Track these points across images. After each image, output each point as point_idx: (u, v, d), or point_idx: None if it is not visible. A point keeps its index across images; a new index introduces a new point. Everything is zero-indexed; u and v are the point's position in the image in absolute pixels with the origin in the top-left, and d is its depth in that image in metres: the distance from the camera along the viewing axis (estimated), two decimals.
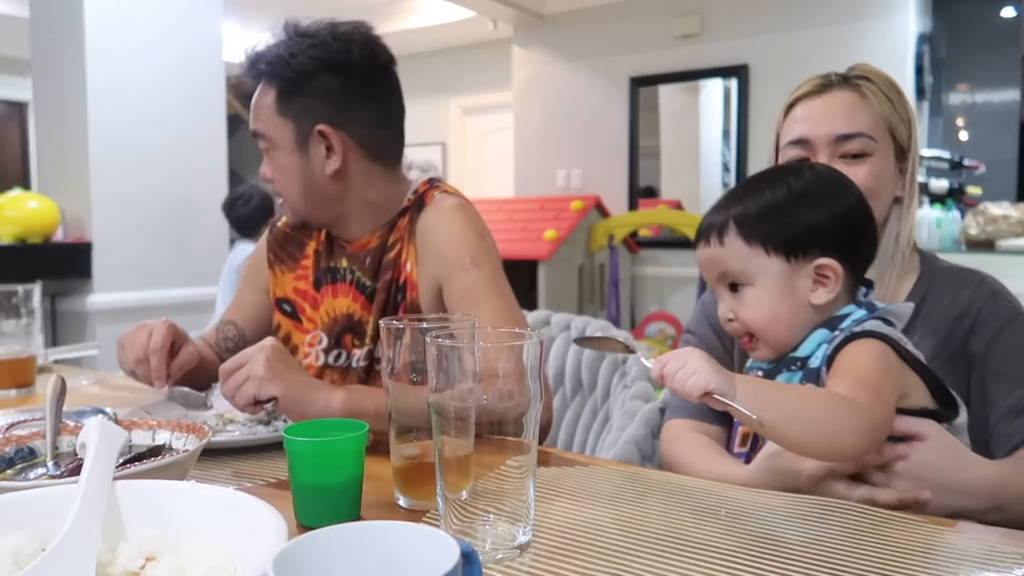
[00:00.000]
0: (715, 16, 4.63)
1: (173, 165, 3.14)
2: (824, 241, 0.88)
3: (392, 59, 1.21)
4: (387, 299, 1.19)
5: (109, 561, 0.52)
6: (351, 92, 1.17)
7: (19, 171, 7.35)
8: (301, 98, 1.16)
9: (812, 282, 0.88)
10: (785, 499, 0.80)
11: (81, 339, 2.95)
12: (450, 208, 1.18)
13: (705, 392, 0.73)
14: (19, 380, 1.31)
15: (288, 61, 1.15)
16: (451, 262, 1.14)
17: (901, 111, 1.06)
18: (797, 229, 0.88)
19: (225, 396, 0.94)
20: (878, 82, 1.06)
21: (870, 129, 1.03)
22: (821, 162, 1.03)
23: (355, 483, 0.72)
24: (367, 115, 1.18)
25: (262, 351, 0.94)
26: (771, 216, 0.89)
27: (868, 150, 1.02)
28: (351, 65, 1.16)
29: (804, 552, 0.66)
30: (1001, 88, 4.77)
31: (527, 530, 0.66)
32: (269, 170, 1.21)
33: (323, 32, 1.17)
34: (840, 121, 1.03)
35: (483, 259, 1.14)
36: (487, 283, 1.13)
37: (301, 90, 1.15)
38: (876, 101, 1.04)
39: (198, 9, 3.22)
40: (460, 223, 1.17)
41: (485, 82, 6.51)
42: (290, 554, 0.42)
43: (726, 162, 4.90)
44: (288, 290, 1.30)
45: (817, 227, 0.88)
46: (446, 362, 0.64)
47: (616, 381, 1.44)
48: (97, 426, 0.64)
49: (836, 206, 0.89)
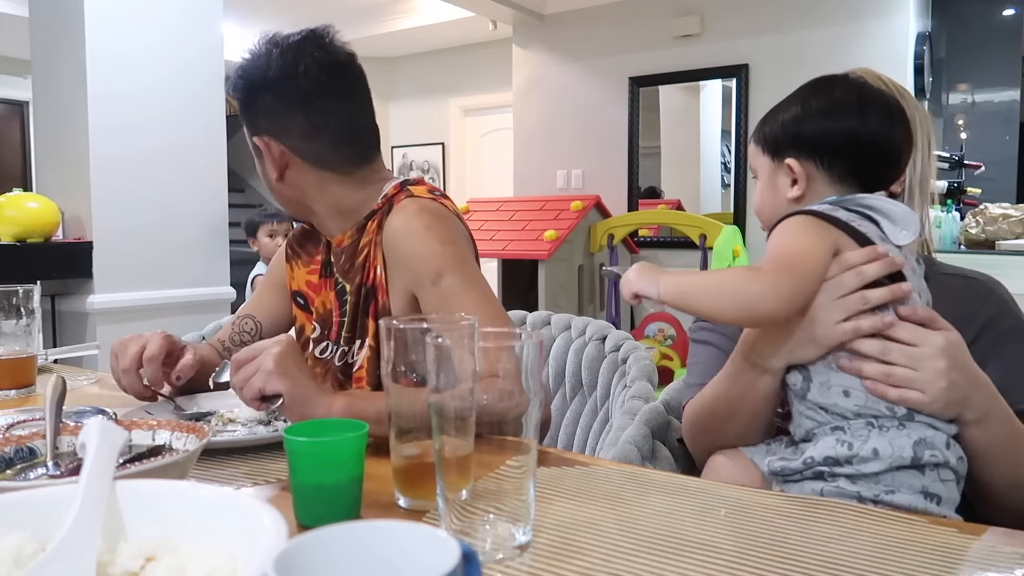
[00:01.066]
0: (715, 16, 4.63)
1: (173, 165, 3.14)
2: (796, 144, 0.98)
3: (337, 64, 1.20)
4: (358, 302, 1.19)
5: (109, 561, 0.52)
6: (280, 106, 1.18)
7: (19, 171, 7.35)
8: (247, 112, 1.23)
9: (789, 181, 0.99)
10: (785, 499, 0.80)
11: (81, 339, 2.95)
12: (411, 215, 1.16)
13: (634, 295, 0.95)
14: (19, 380, 1.31)
15: (235, 80, 1.22)
16: (418, 275, 1.14)
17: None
18: (776, 130, 1.00)
19: (233, 387, 0.94)
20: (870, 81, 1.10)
21: None
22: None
23: (355, 483, 0.72)
24: (298, 126, 1.18)
25: (276, 345, 0.94)
26: (768, 118, 1.03)
27: None
28: (270, 79, 1.17)
29: (804, 552, 0.66)
30: (1001, 88, 4.77)
31: (527, 530, 0.66)
32: None
33: (261, 48, 1.20)
34: None
35: (448, 269, 1.12)
36: (459, 292, 1.11)
37: (245, 105, 1.22)
38: None
39: (198, 9, 3.21)
40: (420, 233, 1.14)
41: (485, 82, 6.51)
42: (290, 554, 0.42)
43: (726, 162, 4.90)
44: (302, 283, 1.33)
45: (794, 131, 0.98)
46: (446, 362, 0.64)
47: (616, 381, 1.44)
48: (97, 426, 0.63)
49: (831, 118, 0.96)
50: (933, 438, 0.85)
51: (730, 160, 4.78)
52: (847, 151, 0.95)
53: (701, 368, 1.17)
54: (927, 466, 0.84)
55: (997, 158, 4.59)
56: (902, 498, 0.83)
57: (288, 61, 1.17)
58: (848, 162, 0.96)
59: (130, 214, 3.02)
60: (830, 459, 0.85)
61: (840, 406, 0.87)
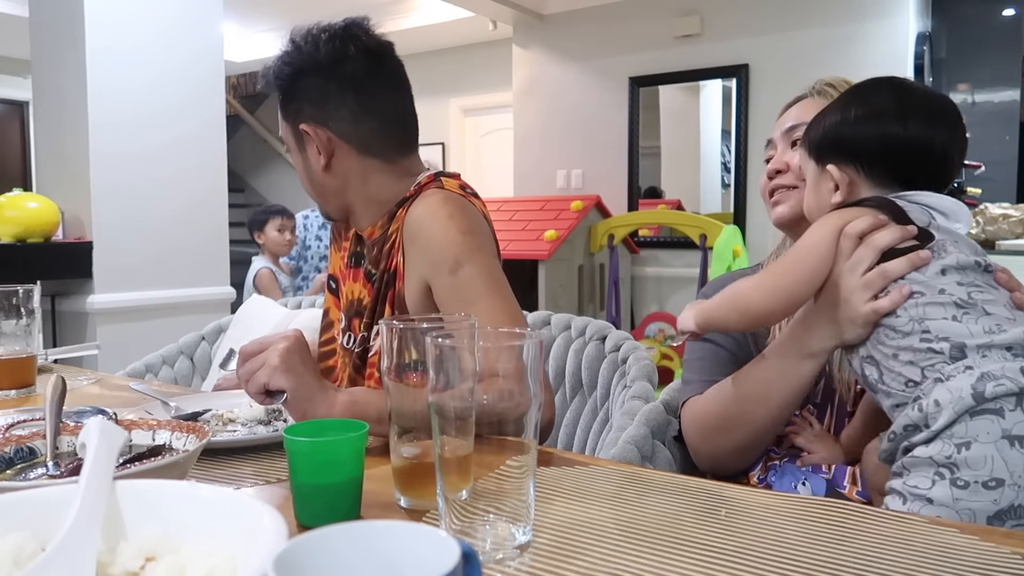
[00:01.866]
0: (715, 16, 4.63)
1: (174, 165, 3.14)
2: (836, 149, 0.98)
3: (382, 50, 1.22)
4: (381, 288, 1.20)
5: (109, 561, 0.52)
6: (329, 90, 1.19)
7: (19, 171, 7.35)
8: (292, 102, 1.23)
9: (832, 186, 0.99)
10: (785, 499, 0.80)
11: (81, 339, 2.95)
12: (435, 203, 1.15)
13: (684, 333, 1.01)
14: (19, 380, 1.31)
15: (278, 70, 1.22)
16: (435, 263, 1.11)
17: None
18: (819, 136, 1.00)
19: (238, 378, 0.94)
20: (839, 86, 1.16)
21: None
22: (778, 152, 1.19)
23: (355, 483, 0.72)
24: (349, 110, 1.20)
25: (283, 340, 0.93)
26: (815, 123, 1.02)
27: None
28: (321, 64, 1.19)
29: (804, 552, 0.66)
30: (1001, 88, 4.77)
31: (527, 530, 0.66)
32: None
33: (305, 36, 1.21)
34: (790, 119, 1.20)
35: (467, 258, 1.10)
36: (474, 283, 1.09)
37: (291, 94, 1.22)
38: (825, 99, 1.15)
39: (198, 9, 3.21)
40: (442, 220, 1.12)
41: (485, 82, 6.51)
42: (290, 554, 0.42)
43: (726, 162, 4.90)
44: (336, 267, 1.37)
45: (833, 136, 0.98)
46: (446, 362, 0.64)
47: (616, 381, 1.44)
48: (97, 426, 0.63)
49: (869, 122, 0.96)
50: (1002, 369, 0.78)
51: (730, 160, 4.78)
52: (885, 155, 0.95)
53: (700, 365, 1.17)
54: (1004, 405, 0.76)
55: (997, 158, 4.59)
56: (977, 451, 0.75)
57: (337, 46, 1.19)
58: (888, 166, 0.96)
59: (130, 214, 3.02)
60: (909, 427, 0.83)
61: (905, 375, 0.85)
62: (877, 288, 0.88)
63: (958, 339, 0.83)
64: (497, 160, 6.51)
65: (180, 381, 1.98)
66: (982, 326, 0.83)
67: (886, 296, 0.87)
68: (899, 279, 0.88)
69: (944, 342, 0.83)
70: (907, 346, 0.86)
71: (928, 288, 0.86)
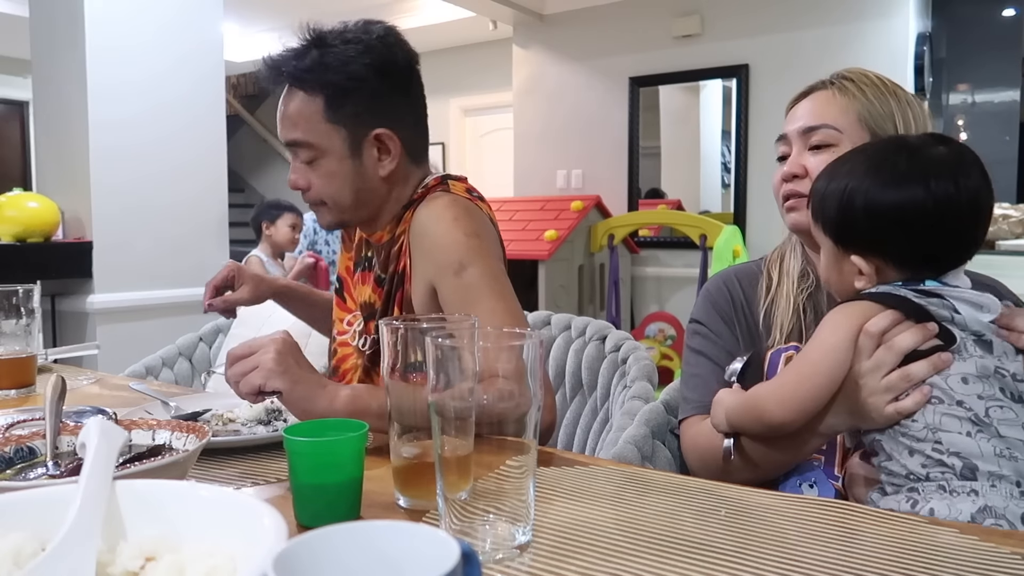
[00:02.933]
0: (715, 16, 4.63)
1: (173, 165, 3.14)
2: (860, 243, 0.92)
3: (417, 58, 1.22)
4: (391, 290, 1.21)
5: (109, 561, 0.52)
6: (395, 95, 1.18)
7: (19, 171, 7.35)
8: (352, 104, 1.15)
9: (856, 270, 0.93)
10: (785, 499, 0.80)
11: (81, 339, 2.95)
12: (440, 206, 1.16)
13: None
14: (19, 380, 1.31)
15: (338, 68, 1.13)
16: (440, 265, 1.12)
17: (883, 105, 1.08)
18: (836, 219, 0.94)
19: (228, 380, 0.93)
20: (858, 80, 1.10)
21: (836, 121, 1.08)
22: (794, 153, 1.11)
23: (355, 483, 0.72)
24: (410, 116, 1.21)
25: (273, 343, 0.92)
26: (828, 197, 0.95)
27: (831, 140, 1.08)
28: (396, 68, 1.17)
29: (804, 552, 0.66)
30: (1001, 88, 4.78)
31: (527, 530, 0.66)
32: (310, 178, 1.19)
33: (364, 35, 1.16)
34: (808, 116, 1.11)
35: (471, 261, 1.10)
36: (478, 286, 1.09)
37: (351, 96, 1.15)
38: (848, 96, 1.09)
39: (198, 8, 3.21)
40: (447, 223, 1.13)
41: (485, 82, 6.51)
42: (290, 554, 0.42)
43: (726, 162, 4.90)
44: (342, 269, 1.37)
45: (856, 229, 0.92)
46: (446, 362, 0.64)
47: (616, 381, 1.44)
48: (97, 426, 0.63)
49: (896, 217, 0.89)
50: (1005, 508, 0.80)
51: (730, 160, 4.78)
52: (915, 246, 0.90)
53: (696, 383, 1.14)
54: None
55: (997, 158, 4.60)
56: None
57: (387, 49, 1.17)
58: (918, 252, 0.91)
59: (130, 214, 3.01)
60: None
61: (911, 469, 0.85)
62: (899, 391, 0.86)
63: (970, 458, 0.83)
64: (497, 160, 6.51)
65: (180, 383, 1.98)
66: (994, 447, 0.83)
67: (908, 397, 0.86)
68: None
69: (956, 457, 0.83)
70: (919, 450, 0.85)
71: (947, 396, 0.85)
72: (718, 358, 1.13)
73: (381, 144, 1.18)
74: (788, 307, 1.11)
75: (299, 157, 1.19)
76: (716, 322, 1.15)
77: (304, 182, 1.20)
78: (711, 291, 1.19)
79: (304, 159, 1.18)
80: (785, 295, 1.12)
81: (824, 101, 1.11)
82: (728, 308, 1.16)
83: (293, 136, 1.17)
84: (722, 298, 1.17)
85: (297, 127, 1.16)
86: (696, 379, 1.15)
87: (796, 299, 1.11)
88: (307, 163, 1.18)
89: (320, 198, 1.20)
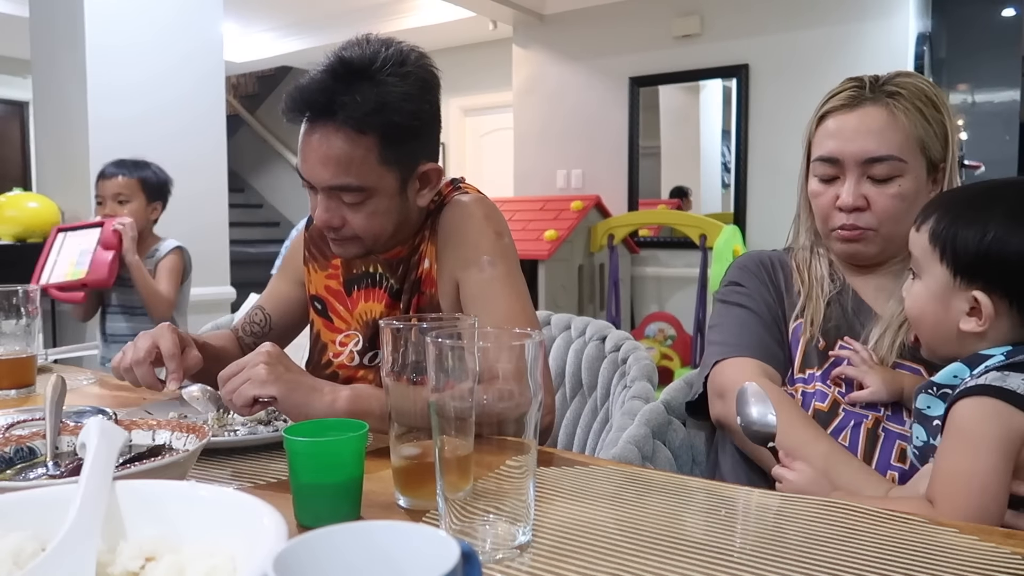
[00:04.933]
0: (715, 16, 4.63)
1: (173, 165, 3.13)
2: (994, 278, 0.84)
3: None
4: (409, 299, 1.20)
5: (109, 561, 0.52)
6: (438, 123, 1.14)
7: (19, 171, 7.35)
8: (408, 143, 1.08)
9: (968, 308, 0.86)
10: (785, 499, 0.80)
11: (81, 339, 2.95)
12: (470, 204, 1.18)
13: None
14: (19, 380, 1.31)
15: (399, 107, 1.05)
16: (469, 259, 1.14)
17: (936, 125, 1.05)
18: (971, 246, 0.85)
19: (224, 399, 0.94)
20: (911, 97, 1.05)
21: (901, 151, 1.04)
22: (851, 181, 1.05)
23: (355, 483, 0.72)
24: (436, 141, 1.17)
25: (259, 356, 0.93)
26: (960, 216, 0.86)
27: (897, 172, 1.04)
28: (424, 98, 1.10)
29: (804, 552, 0.66)
30: (1001, 88, 4.78)
31: (527, 530, 0.66)
32: (346, 216, 1.10)
33: (413, 68, 1.07)
34: (871, 142, 1.04)
35: (499, 258, 1.14)
36: (502, 282, 1.13)
37: (410, 135, 1.08)
38: (908, 119, 1.04)
39: (198, 8, 3.21)
40: (479, 220, 1.16)
41: (485, 82, 6.51)
42: (290, 554, 0.42)
43: (726, 162, 4.90)
44: (320, 288, 1.31)
45: (999, 262, 0.83)
46: (446, 362, 0.64)
47: (616, 381, 1.44)
48: (97, 426, 0.63)
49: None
50: None
51: (730, 160, 4.78)
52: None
53: (732, 328, 1.13)
54: None
55: (997, 158, 4.59)
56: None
57: (435, 79, 1.11)
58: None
59: None
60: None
61: None
62: None
63: None
64: (497, 160, 6.51)
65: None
66: None
67: None
68: None
69: None
70: None
71: None
72: (758, 309, 1.15)
73: (424, 177, 1.14)
74: (820, 306, 1.12)
75: (340, 199, 1.09)
76: (753, 282, 1.18)
77: (339, 221, 1.11)
78: (747, 264, 1.21)
79: (349, 201, 1.09)
80: (815, 297, 1.13)
81: (884, 123, 1.04)
82: (764, 276, 1.19)
83: (341, 181, 1.07)
84: (759, 269, 1.20)
85: (348, 172, 1.06)
86: (730, 327, 1.14)
87: (826, 298, 1.13)
88: (349, 204, 1.09)
89: (356, 235, 1.12)
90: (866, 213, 1.06)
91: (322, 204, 1.11)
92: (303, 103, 1.07)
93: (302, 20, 6.17)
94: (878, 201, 1.05)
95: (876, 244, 1.10)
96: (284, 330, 1.40)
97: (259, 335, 1.36)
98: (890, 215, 1.06)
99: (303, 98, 1.06)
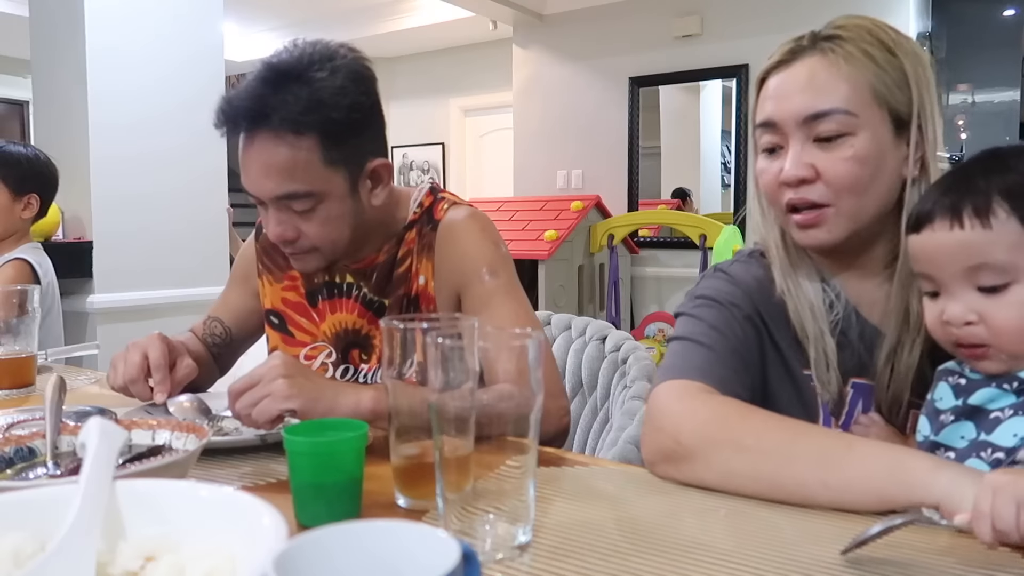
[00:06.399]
0: (715, 16, 4.63)
1: (174, 165, 3.14)
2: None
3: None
4: (400, 311, 1.19)
5: (109, 561, 0.52)
6: (381, 118, 1.12)
7: None
8: (351, 140, 1.06)
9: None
10: None
11: (81, 339, 2.95)
12: (466, 219, 1.19)
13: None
14: (19, 380, 1.31)
15: (335, 102, 1.02)
16: (469, 273, 1.16)
17: (892, 70, 0.87)
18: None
19: (236, 415, 0.91)
20: (855, 40, 0.87)
21: (847, 102, 0.85)
22: (795, 149, 0.87)
23: (355, 483, 0.72)
24: (384, 137, 1.15)
25: (275, 369, 0.90)
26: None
27: (848, 129, 0.85)
28: (377, 88, 1.10)
29: (804, 552, 0.66)
30: (1001, 88, 4.78)
31: (527, 530, 0.66)
32: (300, 227, 1.07)
33: (341, 60, 1.05)
34: (807, 96, 0.86)
35: (499, 268, 1.16)
36: (503, 291, 1.15)
37: (350, 131, 1.04)
38: (851, 65, 0.86)
39: (198, 8, 3.21)
40: (476, 233, 1.18)
41: (485, 82, 6.51)
42: (290, 554, 0.42)
43: (726, 162, 4.90)
44: (276, 301, 1.27)
45: None
46: (446, 362, 0.64)
47: (616, 381, 1.44)
48: (97, 426, 0.63)
49: None
50: None
51: (730, 160, 4.78)
52: None
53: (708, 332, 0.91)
54: None
55: None
56: None
57: (368, 70, 1.09)
58: None
59: (130, 214, 3.01)
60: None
61: None
62: None
63: None
64: (497, 160, 6.51)
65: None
66: None
67: None
68: None
69: None
70: None
71: None
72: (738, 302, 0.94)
73: (375, 174, 1.11)
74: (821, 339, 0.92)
75: (290, 209, 1.06)
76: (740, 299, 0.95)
77: (293, 232, 1.08)
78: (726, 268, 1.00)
79: (299, 209, 1.06)
80: (813, 336, 0.92)
81: (825, 73, 0.87)
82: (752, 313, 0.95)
83: (288, 189, 1.04)
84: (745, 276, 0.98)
85: (294, 178, 1.03)
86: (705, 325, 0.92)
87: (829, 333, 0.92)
88: (300, 212, 1.06)
89: (313, 246, 1.09)
90: (817, 184, 0.87)
91: (273, 217, 1.07)
92: (235, 113, 1.04)
93: (302, 20, 6.17)
94: (829, 168, 0.85)
95: (840, 226, 0.88)
96: (244, 340, 1.39)
97: (221, 346, 1.36)
98: (846, 184, 0.86)
99: (234, 108, 1.04)
